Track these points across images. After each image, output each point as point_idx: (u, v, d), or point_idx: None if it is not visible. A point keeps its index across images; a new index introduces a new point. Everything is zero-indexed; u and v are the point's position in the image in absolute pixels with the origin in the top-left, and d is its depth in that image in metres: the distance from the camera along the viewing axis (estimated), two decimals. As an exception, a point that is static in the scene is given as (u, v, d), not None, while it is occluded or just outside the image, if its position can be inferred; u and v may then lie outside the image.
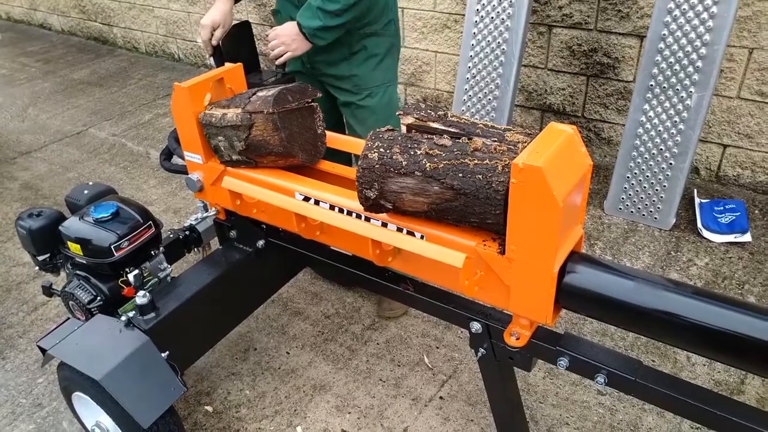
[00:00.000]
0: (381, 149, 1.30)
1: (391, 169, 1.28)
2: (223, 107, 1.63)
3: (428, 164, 1.24)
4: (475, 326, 1.43)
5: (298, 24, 1.96)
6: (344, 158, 1.96)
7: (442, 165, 1.23)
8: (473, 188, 1.20)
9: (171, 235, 1.96)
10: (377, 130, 1.35)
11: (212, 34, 2.03)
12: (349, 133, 2.26)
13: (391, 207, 1.34)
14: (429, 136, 1.29)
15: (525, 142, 1.22)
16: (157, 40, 5.44)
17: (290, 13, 2.06)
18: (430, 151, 1.25)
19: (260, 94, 1.59)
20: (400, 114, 1.35)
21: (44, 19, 6.55)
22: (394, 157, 1.28)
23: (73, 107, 4.62)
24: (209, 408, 2.05)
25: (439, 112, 1.34)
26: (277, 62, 2.03)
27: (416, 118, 1.32)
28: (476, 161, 1.21)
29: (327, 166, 1.70)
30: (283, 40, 1.98)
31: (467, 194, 1.21)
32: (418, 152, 1.26)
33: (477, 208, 1.22)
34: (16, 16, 6.92)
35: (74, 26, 6.22)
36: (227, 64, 1.78)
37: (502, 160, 1.19)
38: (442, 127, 1.30)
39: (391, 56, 2.20)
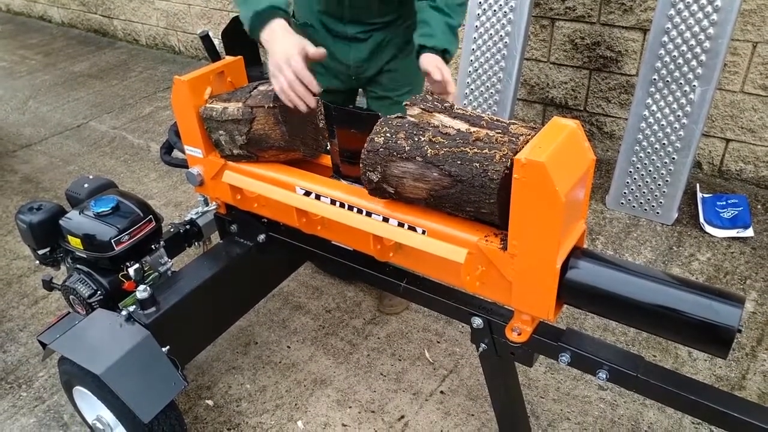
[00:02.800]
0: (387, 134, 1.31)
1: (395, 153, 1.29)
2: (223, 101, 1.62)
3: (429, 150, 1.25)
4: (477, 321, 1.43)
5: (444, 51, 1.64)
6: None
7: (443, 152, 1.24)
8: (469, 176, 1.21)
9: (171, 230, 1.96)
10: (387, 116, 1.35)
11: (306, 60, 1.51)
12: None
13: (393, 192, 1.35)
14: (435, 124, 1.30)
15: (528, 135, 1.22)
16: (157, 32, 5.42)
17: (330, 27, 1.87)
18: (434, 139, 1.27)
19: (261, 88, 1.58)
20: (406, 104, 1.35)
21: (44, 11, 6.52)
22: (398, 142, 1.29)
23: (74, 100, 4.61)
24: (210, 402, 2.06)
25: (446, 104, 1.35)
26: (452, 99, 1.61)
27: (422, 110, 1.33)
28: (476, 150, 1.22)
29: (328, 160, 1.69)
30: (451, 81, 1.61)
31: (463, 181, 1.22)
32: (422, 139, 1.28)
33: (472, 197, 1.22)
34: (16, 8, 6.89)
35: (74, 18, 6.20)
36: (227, 57, 1.76)
37: (501, 150, 1.20)
38: (448, 119, 1.31)
39: None
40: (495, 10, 2.92)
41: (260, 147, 1.60)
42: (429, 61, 1.59)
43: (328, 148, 1.65)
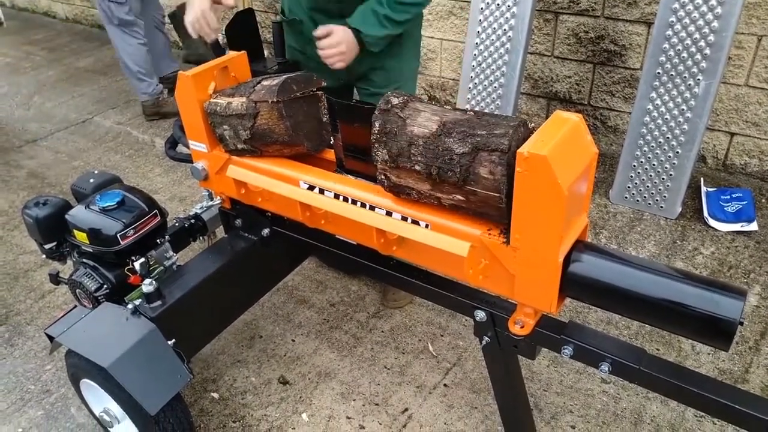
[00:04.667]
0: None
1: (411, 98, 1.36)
2: (227, 96, 1.63)
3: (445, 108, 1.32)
4: (480, 315, 1.43)
5: (357, 31, 1.83)
6: None
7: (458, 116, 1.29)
8: (484, 113, 1.25)
9: (176, 224, 1.96)
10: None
11: (206, 21, 1.82)
12: None
13: (397, 129, 1.34)
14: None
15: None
16: (161, 27, 5.42)
17: (320, 22, 1.91)
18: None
19: (265, 83, 1.58)
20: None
21: (48, 7, 6.53)
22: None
23: (78, 95, 4.63)
24: (215, 395, 2.07)
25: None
26: (335, 67, 1.90)
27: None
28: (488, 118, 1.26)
29: (332, 154, 1.69)
30: (342, 49, 1.84)
31: (477, 113, 1.25)
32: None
33: (484, 129, 1.21)
34: (20, 3, 6.91)
35: (78, 14, 6.21)
36: (231, 52, 1.77)
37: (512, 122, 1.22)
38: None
39: (416, 46, 2.16)
40: (498, 4, 2.91)
41: (264, 142, 1.61)
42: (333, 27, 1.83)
43: (331, 142, 1.65)
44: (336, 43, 1.84)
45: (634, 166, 2.80)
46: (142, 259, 1.74)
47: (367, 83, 2.12)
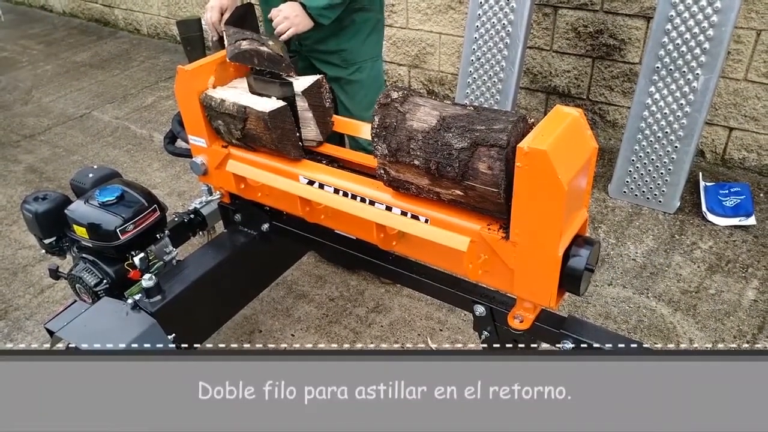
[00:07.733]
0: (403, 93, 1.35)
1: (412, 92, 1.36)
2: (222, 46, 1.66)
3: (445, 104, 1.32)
4: (479, 309, 1.44)
5: (302, 4, 1.96)
6: (335, 139, 1.95)
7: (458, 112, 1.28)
8: (484, 108, 1.26)
9: (176, 219, 1.97)
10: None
11: (221, 16, 2.02)
12: (339, 108, 2.27)
13: (396, 126, 1.33)
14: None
15: None
16: (158, 21, 5.40)
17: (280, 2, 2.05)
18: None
19: (245, 46, 1.61)
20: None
21: (45, 1, 6.50)
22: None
23: (76, 90, 4.61)
24: (215, 389, 2.08)
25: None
26: (281, 38, 2.03)
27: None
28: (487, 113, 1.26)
29: (329, 149, 1.69)
30: (287, 15, 1.98)
31: (478, 110, 1.26)
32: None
33: (485, 122, 1.22)
34: (17, -3, 6.87)
35: (75, 8, 6.18)
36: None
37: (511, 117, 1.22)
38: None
39: (377, 31, 2.23)
40: (498, -2, 2.91)
41: (255, 143, 1.61)
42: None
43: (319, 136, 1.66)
44: (283, 17, 1.97)
45: (633, 160, 2.81)
46: (142, 254, 1.73)
47: (328, 66, 2.20)
